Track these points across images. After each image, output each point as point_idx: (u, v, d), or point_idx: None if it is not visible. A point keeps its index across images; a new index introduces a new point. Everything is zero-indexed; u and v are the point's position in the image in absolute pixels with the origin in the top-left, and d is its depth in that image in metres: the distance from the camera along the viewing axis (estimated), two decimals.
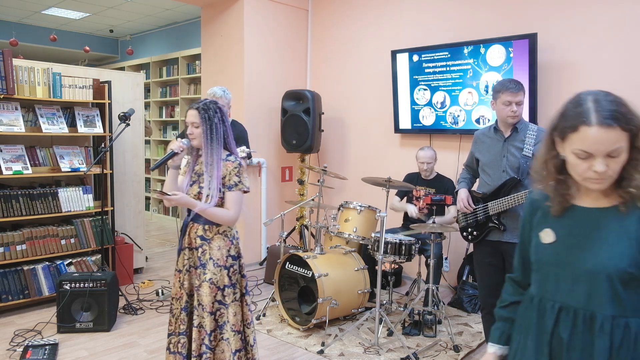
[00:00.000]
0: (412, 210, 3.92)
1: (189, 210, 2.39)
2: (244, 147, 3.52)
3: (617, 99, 1.19)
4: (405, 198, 4.16)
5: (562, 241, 1.28)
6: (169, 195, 2.25)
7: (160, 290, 4.20)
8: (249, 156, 3.51)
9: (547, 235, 1.31)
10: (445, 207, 3.94)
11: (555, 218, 1.31)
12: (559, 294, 1.26)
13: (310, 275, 3.46)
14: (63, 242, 3.90)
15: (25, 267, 3.71)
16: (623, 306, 1.18)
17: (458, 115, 4.32)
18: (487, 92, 4.10)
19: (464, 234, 2.89)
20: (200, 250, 2.35)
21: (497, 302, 1.52)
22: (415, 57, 4.52)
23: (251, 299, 4.18)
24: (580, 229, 1.26)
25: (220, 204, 2.32)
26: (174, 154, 2.37)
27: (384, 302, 3.88)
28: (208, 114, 2.29)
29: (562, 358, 1.24)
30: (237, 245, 2.41)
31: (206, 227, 2.34)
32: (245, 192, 2.36)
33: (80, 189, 4.04)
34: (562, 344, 1.24)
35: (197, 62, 7.50)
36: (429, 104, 4.50)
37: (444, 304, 3.87)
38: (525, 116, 3.71)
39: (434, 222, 3.43)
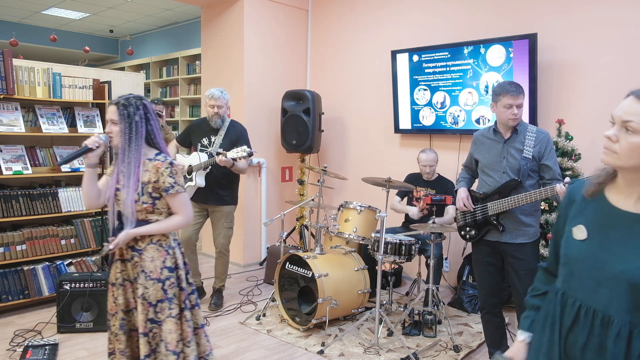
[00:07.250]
0: (414, 212, 3.92)
1: (120, 218, 2.17)
2: (244, 147, 3.51)
3: None
4: (405, 198, 4.16)
5: (593, 241, 1.26)
6: (111, 247, 2.08)
7: None
8: (250, 155, 3.50)
9: (579, 232, 1.29)
10: (445, 207, 3.93)
11: (590, 216, 1.29)
12: (582, 292, 1.25)
13: (310, 275, 3.46)
14: (63, 242, 3.90)
15: (25, 267, 3.71)
16: None
17: (458, 116, 4.32)
18: (487, 92, 4.10)
19: (462, 232, 2.89)
20: (132, 262, 2.15)
21: (496, 303, 1.51)
22: (415, 57, 4.52)
23: (251, 299, 4.18)
24: (614, 233, 1.23)
25: (152, 209, 2.14)
26: (87, 150, 2.13)
27: (384, 302, 3.88)
28: (128, 110, 2.09)
29: (577, 356, 1.23)
30: (175, 255, 2.20)
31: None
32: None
33: (80, 189, 4.04)
34: (577, 342, 1.23)
35: (197, 62, 7.50)
36: (429, 104, 4.50)
37: (444, 304, 3.87)
38: (525, 116, 3.72)
39: (434, 222, 3.43)
